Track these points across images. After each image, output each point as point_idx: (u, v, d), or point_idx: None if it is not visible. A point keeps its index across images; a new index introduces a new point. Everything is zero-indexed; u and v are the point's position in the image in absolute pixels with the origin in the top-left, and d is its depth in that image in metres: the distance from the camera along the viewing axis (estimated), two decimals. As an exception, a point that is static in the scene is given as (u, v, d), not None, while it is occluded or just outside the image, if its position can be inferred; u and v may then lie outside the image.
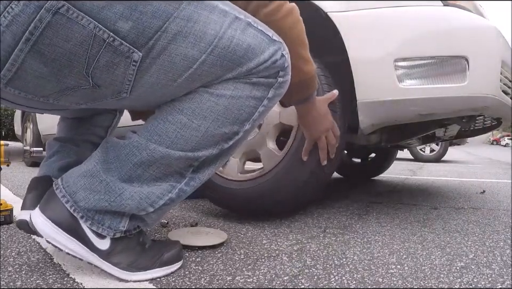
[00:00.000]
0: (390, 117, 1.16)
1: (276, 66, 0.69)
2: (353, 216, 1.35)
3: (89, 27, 0.57)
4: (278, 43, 0.69)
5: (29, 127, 3.61)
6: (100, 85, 0.63)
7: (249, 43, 0.66)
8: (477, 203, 1.74)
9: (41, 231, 0.69)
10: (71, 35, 0.57)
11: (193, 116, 0.67)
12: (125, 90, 0.64)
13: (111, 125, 1.01)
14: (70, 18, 0.56)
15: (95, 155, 0.71)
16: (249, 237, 1.03)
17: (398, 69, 1.09)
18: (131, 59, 0.61)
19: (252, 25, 0.67)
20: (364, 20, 1.13)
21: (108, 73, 0.61)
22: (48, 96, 0.65)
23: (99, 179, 0.68)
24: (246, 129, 0.72)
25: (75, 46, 0.58)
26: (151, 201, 0.69)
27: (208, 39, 0.63)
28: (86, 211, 0.68)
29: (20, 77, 0.60)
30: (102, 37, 0.58)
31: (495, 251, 0.95)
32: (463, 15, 1.12)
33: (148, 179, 0.69)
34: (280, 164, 1.14)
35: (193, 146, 0.68)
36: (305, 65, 0.87)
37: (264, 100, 0.71)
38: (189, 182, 0.72)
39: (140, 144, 0.67)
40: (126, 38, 0.59)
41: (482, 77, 1.08)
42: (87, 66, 0.60)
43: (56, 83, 0.62)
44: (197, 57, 0.63)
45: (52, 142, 0.96)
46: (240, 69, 0.66)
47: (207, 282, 0.71)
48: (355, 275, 0.76)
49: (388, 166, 2.69)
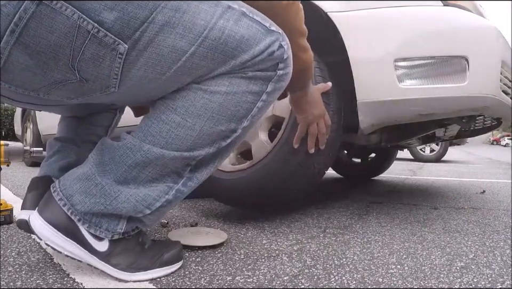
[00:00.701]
0: (390, 117, 1.16)
1: (273, 58, 0.66)
2: (353, 216, 1.35)
3: (73, 18, 0.55)
4: (276, 34, 0.67)
5: (29, 127, 3.61)
6: (87, 79, 0.62)
7: (242, 34, 0.63)
8: (477, 203, 1.74)
9: (40, 234, 0.68)
10: (55, 26, 0.56)
11: (186, 115, 0.65)
12: (112, 84, 0.63)
13: (111, 124, 1.01)
14: (54, 8, 0.55)
15: (91, 158, 0.70)
16: (249, 237, 1.03)
17: (398, 69, 1.09)
18: (117, 52, 0.59)
19: (246, 15, 0.64)
20: (364, 20, 1.13)
21: (94, 66, 0.60)
22: (37, 90, 0.64)
23: (94, 182, 0.67)
24: (245, 126, 0.70)
25: (59, 38, 0.56)
26: (147, 204, 0.69)
27: (198, 30, 0.61)
28: (83, 214, 0.68)
29: (7, 70, 0.59)
30: (86, 28, 0.56)
31: (495, 251, 0.95)
32: (463, 15, 1.12)
33: (144, 180, 0.68)
34: (269, 155, 1.14)
35: (188, 146, 0.67)
36: (303, 53, 0.85)
37: (262, 95, 0.68)
38: (186, 182, 0.71)
39: (134, 146, 0.66)
40: (111, 29, 0.57)
41: (482, 77, 1.08)
42: (72, 58, 0.58)
43: (43, 77, 0.60)
44: (186, 49, 0.61)
45: (52, 142, 0.96)
46: (233, 61, 0.64)
47: (207, 282, 0.71)
48: (355, 275, 0.76)
49: (388, 166, 2.69)
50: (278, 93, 0.71)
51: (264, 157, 1.15)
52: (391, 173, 3.32)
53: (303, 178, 1.17)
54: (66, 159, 0.92)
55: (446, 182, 2.77)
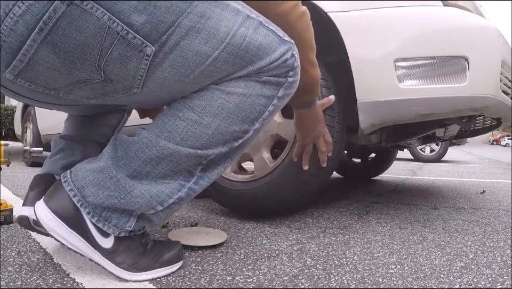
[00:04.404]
0: (390, 117, 1.16)
1: (286, 66, 0.69)
2: (353, 216, 1.35)
3: (103, 19, 0.57)
4: (289, 44, 0.70)
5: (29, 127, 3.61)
6: (111, 79, 0.63)
7: (261, 42, 0.66)
8: (477, 203, 1.74)
9: (44, 224, 0.68)
10: (85, 26, 0.57)
11: (203, 113, 0.67)
12: (136, 85, 0.64)
13: (118, 125, 1.01)
14: (84, 9, 0.56)
15: (105, 152, 0.71)
16: (249, 237, 1.03)
17: (398, 69, 1.09)
18: (144, 53, 0.60)
19: (263, 24, 0.68)
20: (364, 20, 1.13)
21: (120, 66, 0.61)
22: (58, 89, 0.64)
23: (109, 175, 0.68)
24: (256, 128, 0.72)
25: (88, 38, 0.58)
26: (160, 200, 0.69)
27: (221, 36, 0.63)
28: (94, 207, 0.68)
29: (31, 68, 0.59)
30: (116, 30, 0.58)
31: (495, 251, 0.95)
32: (463, 15, 1.12)
33: (157, 177, 0.69)
34: (269, 175, 1.18)
35: (203, 144, 0.68)
36: (312, 68, 0.88)
37: (274, 99, 0.71)
38: (197, 181, 0.72)
39: (150, 141, 0.67)
40: (140, 31, 0.59)
41: (482, 77, 1.08)
42: (100, 58, 0.60)
43: (68, 76, 0.61)
44: (209, 53, 0.63)
45: (57, 140, 0.96)
46: (251, 67, 0.66)
47: (207, 282, 0.71)
48: (355, 275, 0.76)
49: (388, 166, 2.69)
50: (286, 98, 0.74)
51: (266, 175, 1.19)
52: (391, 173, 3.32)
53: (298, 198, 1.21)
54: (71, 158, 0.92)
55: (446, 182, 2.77)
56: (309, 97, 0.96)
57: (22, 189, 1.92)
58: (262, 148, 1.22)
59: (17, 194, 1.74)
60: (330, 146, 1.11)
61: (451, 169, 4.28)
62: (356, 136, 1.31)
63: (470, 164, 5.75)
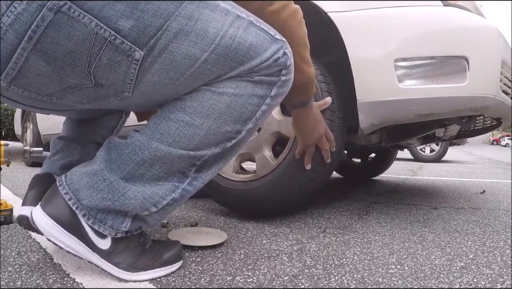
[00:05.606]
0: (390, 117, 1.16)
1: (278, 64, 0.69)
2: (353, 216, 1.35)
3: (90, 25, 0.57)
4: (281, 42, 0.69)
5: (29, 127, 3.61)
6: (102, 84, 0.63)
7: (251, 42, 0.66)
8: (477, 203, 1.74)
9: (42, 229, 0.69)
10: (73, 33, 0.57)
11: (195, 114, 0.67)
12: (127, 89, 0.64)
13: (117, 126, 1.01)
14: (71, 16, 0.56)
15: (99, 155, 0.71)
16: (249, 237, 1.03)
17: (398, 69, 1.09)
18: (132, 58, 0.61)
19: (254, 23, 0.67)
20: (364, 20, 1.13)
21: (110, 72, 0.62)
22: (51, 95, 0.65)
23: (103, 178, 0.68)
24: (249, 128, 0.71)
25: (77, 45, 0.58)
26: (154, 201, 0.69)
27: (210, 37, 0.63)
28: (89, 209, 0.68)
29: (23, 75, 0.60)
30: (104, 36, 0.58)
31: (495, 251, 0.95)
32: (463, 15, 1.12)
33: (150, 178, 0.69)
34: (272, 173, 1.18)
35: (195, 145, 0.68)
36: (306, 66, 0.88)
37: (267, 98, 0.70)
38: (191, 182, 0.72)
39: (142, 143, 0.67)
40: (127, 36, 0.59)
41: (482, 77, 1.08)
42: (89, 64, 0.60)
43: (59, 82, 0.62)
44: (198, 55, 0.63)
45: (56, 140, 0.96)
46: (242, 67, 0.66)
47: (207, 282, 0.71)
48: (355, 275, 0.76)
49: (388, 166, 2.69)
50: (280, 98, 0.73)
51: (267, 174, 1.19)
52: (391, 173, 3.32)
53: (299, 197, 1.21)
54: (69, 158, 0.92)
55: (446, 182, 2.77)
56: (305, 96, 0.95)
57: (22, 189, 1.92)
58: (263, 146, 1.22)
59: (17, 194, 1.74)
60: (333, 143, 1.11)
61: (451, 169, 4.28)
62: (355, 136, 1.31)
63: (470, 164, 5.75)
